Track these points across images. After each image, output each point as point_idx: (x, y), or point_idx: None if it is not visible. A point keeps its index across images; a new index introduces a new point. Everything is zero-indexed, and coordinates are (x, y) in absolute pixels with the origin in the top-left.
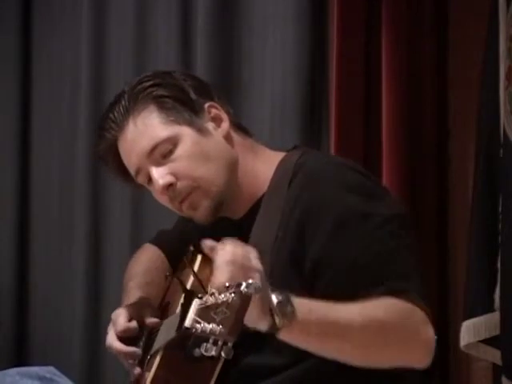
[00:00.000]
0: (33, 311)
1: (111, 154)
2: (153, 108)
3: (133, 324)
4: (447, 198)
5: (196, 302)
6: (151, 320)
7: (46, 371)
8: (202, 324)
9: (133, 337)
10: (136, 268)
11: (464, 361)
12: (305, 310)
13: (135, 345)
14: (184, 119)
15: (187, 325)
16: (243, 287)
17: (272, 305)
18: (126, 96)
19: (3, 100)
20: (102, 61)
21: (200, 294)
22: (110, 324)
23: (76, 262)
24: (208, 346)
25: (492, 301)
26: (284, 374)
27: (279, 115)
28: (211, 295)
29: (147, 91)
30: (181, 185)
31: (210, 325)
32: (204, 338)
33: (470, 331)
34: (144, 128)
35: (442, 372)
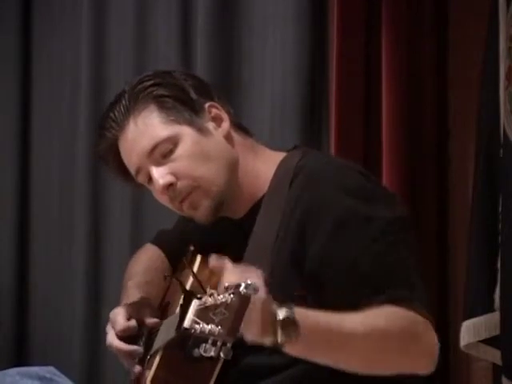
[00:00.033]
0: (33, 311)
1: (111, 154)
2: (153, 107)
3: (132, 323)
4: (447, 198)
5: (195, 303)
6: (151, 320)
7: (46, 371)
8: (201, 325)
9: (132, 336)
10: (135, 268)
11: (464, 361)
12: (308, 326)
13: (135, 344)
14: (184, 119)
15: (186, 325)
16: (242, 288)
17: (275, 323)
18: (127, 95)
19: (3, 100)
20: (102, 61)
21: (199, 295)
22: (109, 323)
23: (76, 262)
24: (207, 347)
25: (492, 301)
26: (284, 374)
27: (279, 115)
28: (210, 296)
29: (148, 91)
30: (181, 184)
31: (209, 325)
32: (203, 339)
33: (470, 331)
34: (144, 127)
35: (442, 372)
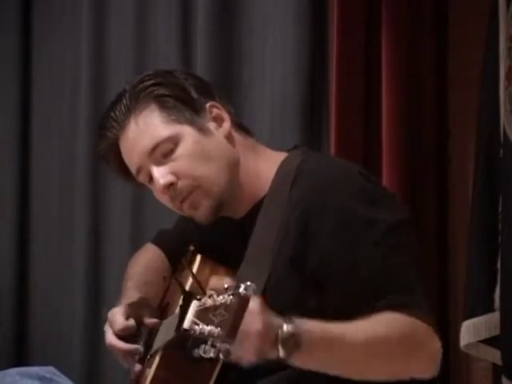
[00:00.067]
0: (33, 311)
1: (112, 153)
2: (154, 107)
3: (130, 322)
4: (447, 198)
5: (195, 304)
6: (150, 320)
7: (46, 371)
8: (201, 326)
9: (130, 335)
10: (135, 268)
11: (464, 361)
12: (309, 340)
13: (134, 343)
14: (185, 118)
15: (186, 326)
16: (241, 289)
17: (276, 341)
18: (128, 95)
19: (3, 100)
20: (102, 61)
21: (198, 296)
22: (107, 323)
23: (76, 262)
24: (206, 348)
25: (492, 301)
26: (281, 374)
27: (279, 115)
28: (210, 297)
29: (148, 90)
30: (181, 184)
31: (209, 327)
32: (202, 340)
33: (470, 331)
34: (145, 127)
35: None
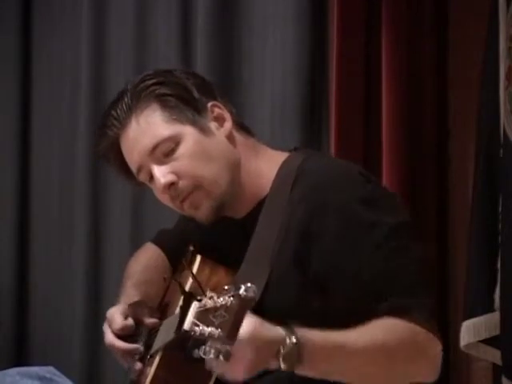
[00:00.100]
0: (33, 311)
1: (113, 152)
2: (156, 106)
3: (129, 322)
4: (447, 198)
5: (195, 305)
6: (150, 320)
7: (46, 371)
8: (201, 327)
9: (129, 335)
10: (135, 267)
11: (464, 361)
12: (313, 352)
13: (133, 342)
14: (187, 118)
15: (186, 327)
16: (242, 290)
17: (280, 355)
18: (129, 94)
19: (3, 100)
20: (102, 61)
21: (199, 297)
22: (105, 322)
23: (76, 262)
24: (206, 349)
25: (492, 301)
26: (281, 373)
27: (279, 115)
28: (210, 298)
29: (150, 89)
30: (182, 184)
31: (209, 328)
32: (203, 341)
33: (470, 331)
34: (146, 126)
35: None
